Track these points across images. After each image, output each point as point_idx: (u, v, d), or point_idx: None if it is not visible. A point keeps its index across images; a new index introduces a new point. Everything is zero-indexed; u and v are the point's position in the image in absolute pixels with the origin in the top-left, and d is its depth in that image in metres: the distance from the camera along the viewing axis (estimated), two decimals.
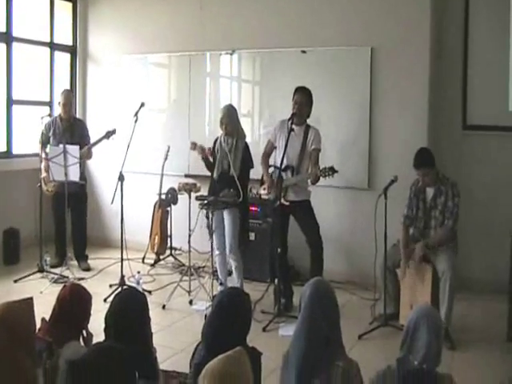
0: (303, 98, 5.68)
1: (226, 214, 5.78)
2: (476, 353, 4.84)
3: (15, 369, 2.40)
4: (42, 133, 6.83)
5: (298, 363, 2.75)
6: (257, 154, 6.04)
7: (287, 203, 5.60)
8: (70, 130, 6.89)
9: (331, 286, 2.98)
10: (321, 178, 5.45)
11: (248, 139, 6.00)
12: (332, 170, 5.38)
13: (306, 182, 5.74)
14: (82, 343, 3.40)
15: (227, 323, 2.94)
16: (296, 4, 6.95)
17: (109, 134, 6.64)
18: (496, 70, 6.45)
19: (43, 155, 6.69)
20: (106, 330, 3.14)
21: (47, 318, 3.32)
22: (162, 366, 3.63)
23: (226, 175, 5.76)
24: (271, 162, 5.92)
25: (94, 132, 7.03)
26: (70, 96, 7.03)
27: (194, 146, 6.08)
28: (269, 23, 7.08)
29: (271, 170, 5.86)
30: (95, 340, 3.45)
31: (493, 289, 5.89)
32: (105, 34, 8.23)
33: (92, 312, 3.43)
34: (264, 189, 5.85)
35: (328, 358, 2.74)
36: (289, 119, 5.60)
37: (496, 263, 5.94)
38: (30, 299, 2.59)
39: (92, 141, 6.87)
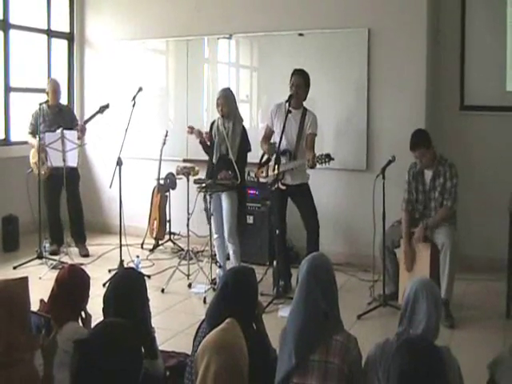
0: (300, 81, 5.64)
1: (224, 198, 5.76)
2: (475, 330, 4.85)
3: (11, 345, 2.40)
4: (31, 123, 6.86)
5: (295, 338, 2.74)
6: (255, 139, 6.02)
7: (284, 187, 5.57)
8: (59, 115, 6.88)
9: (329, 260, 2.95)
10: (317, 164, 5.39)
11: (247, 124, 5.98)
12: (328, 157, 5.30)
13: (303, 166, 5.73)
14: (81, 324, 3.41)
15: (232, 303, 2.94)
16: None
17: (102, 109, 6.63)
18: (493, 50, 6.43)
19: (34, 142, 6.71)
20: (104, 309, 3.15)
21: (46, 300, 3.33)
22: (162, 347, 3.64)
23: (224, 159, 5.75)
24: None
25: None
26: (57, 84, 7.04)
27: (191, 130, 6.09)
28: (266, 6, 7.02)
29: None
30: (94, 322, 3.47)
31: (491, 267, 5.90)
32: (102, 20, 8.18)
33: (91, 296, 3.42)
34: (262, 172, 5.84)
35: (326, 333, 2.73)
36: (286, 101, 5.55)
37: (494, 241, 5.95)
38: (25, 278, 2.60)
39: (86, 117, 6.92)
